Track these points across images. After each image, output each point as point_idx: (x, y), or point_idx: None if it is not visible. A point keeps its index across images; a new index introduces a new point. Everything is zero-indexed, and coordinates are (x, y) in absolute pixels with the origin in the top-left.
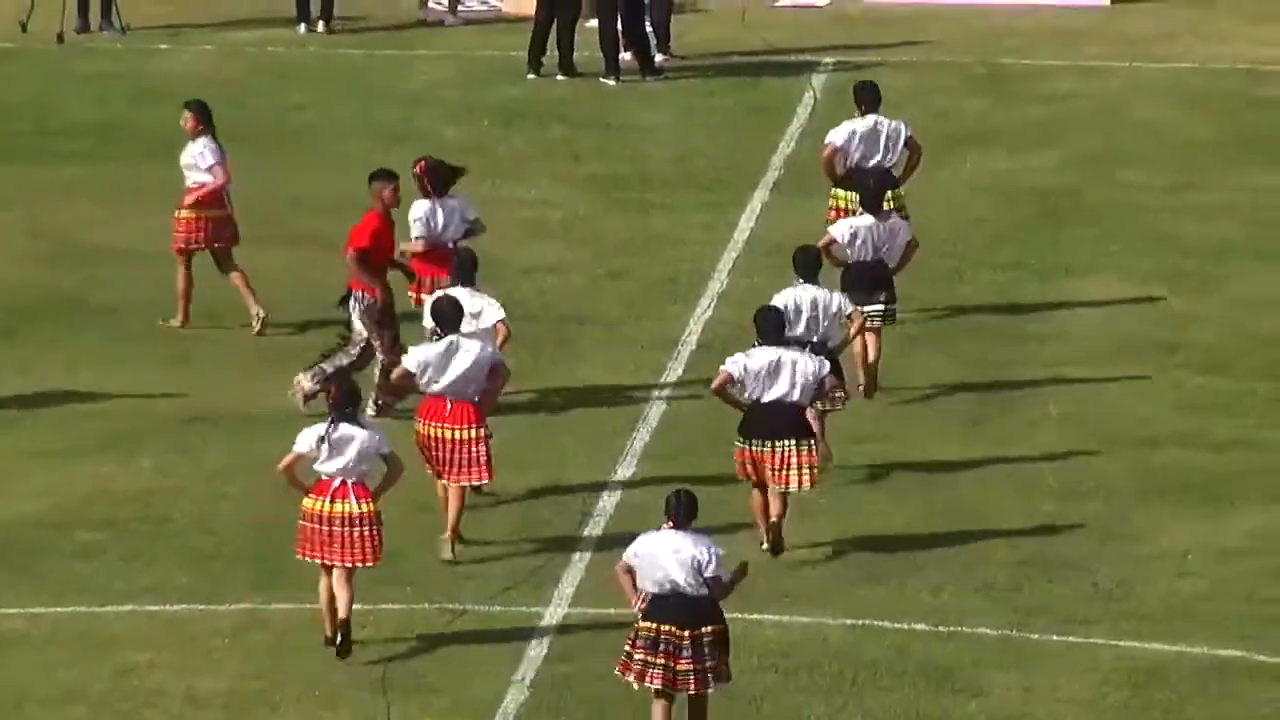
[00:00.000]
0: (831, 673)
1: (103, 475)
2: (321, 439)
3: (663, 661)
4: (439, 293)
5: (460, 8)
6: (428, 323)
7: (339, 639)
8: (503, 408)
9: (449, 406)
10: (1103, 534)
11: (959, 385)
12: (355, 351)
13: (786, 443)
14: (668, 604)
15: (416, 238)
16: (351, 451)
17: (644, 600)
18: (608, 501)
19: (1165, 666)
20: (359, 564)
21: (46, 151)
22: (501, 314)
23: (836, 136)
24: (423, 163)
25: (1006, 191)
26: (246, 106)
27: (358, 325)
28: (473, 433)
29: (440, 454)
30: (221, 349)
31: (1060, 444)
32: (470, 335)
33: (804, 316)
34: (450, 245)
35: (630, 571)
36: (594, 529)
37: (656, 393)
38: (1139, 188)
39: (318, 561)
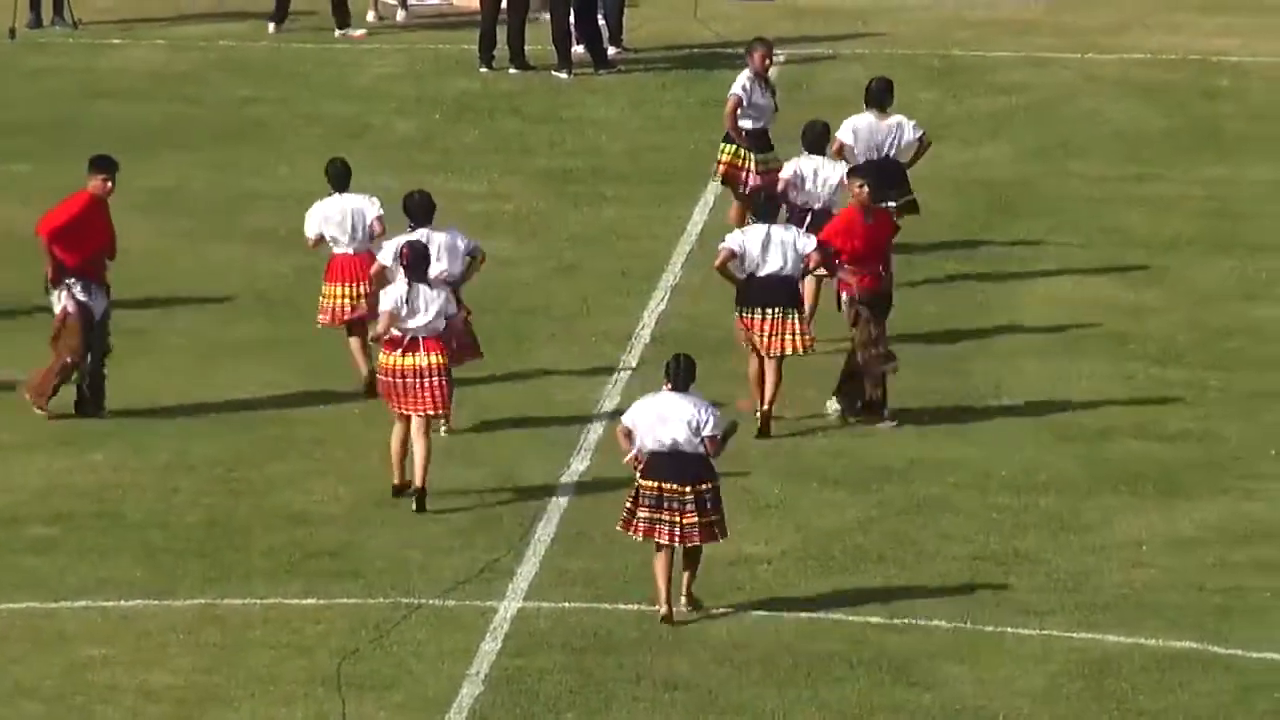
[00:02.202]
0: (786, 665)
1: (55, 470)
2: (404, 299)
3: (669, 518)
4: (402, 238)
5: (410, 3)
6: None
7: (416, 497)
8: (457, 400)
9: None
10: (1055, 526)
11: (912, 378)
12: None
13: (778, 310)
14: (668, 461)
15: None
16: (431, 309)
17: (642, 460)
18: (561, 495)
19: (1118, 658)
20: (431, 412)
21: None
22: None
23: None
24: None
25: (958, 183)
26: (199, 101)
27: None
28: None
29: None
30: (173, 345)
31: (1013, 436)
32: (439, 229)
33: (808, 184)
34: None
35: (629, 434)
36: (548, 523)
37: (609, 386)
38: (1090, 179)
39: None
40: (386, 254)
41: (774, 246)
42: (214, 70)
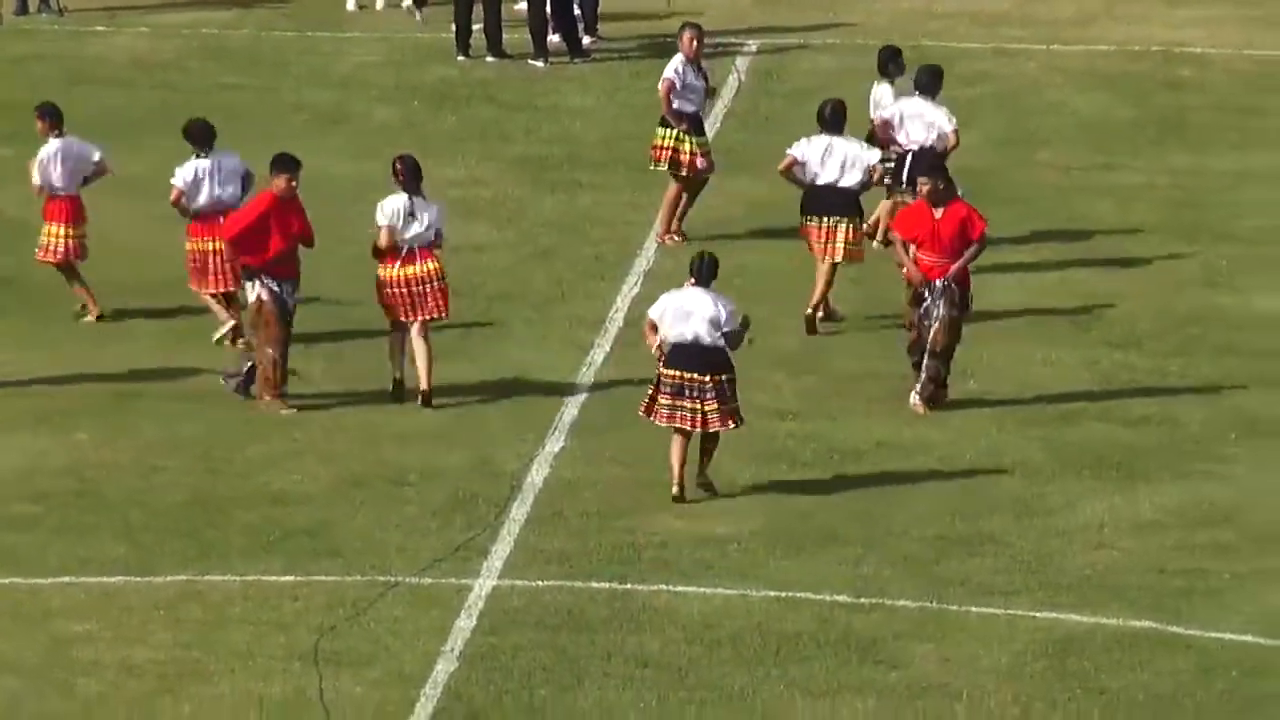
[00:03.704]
0: (754, 644)
1: (37, 450)
2: (403, 210)
3: (690, 405)
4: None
5: None
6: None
7: (424, 398)
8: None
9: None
10: (1020, 508)
11: (880, 362)
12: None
13: (830, 219)
14: (690, 352)
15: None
16: (425, 220)
17: (665, 351)
18: (536, 476)
19: (1081, 637)
20: (435, 316)
21: None
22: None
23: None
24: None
25: None
26: (180, 88)
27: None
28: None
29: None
30: (152, 327)
31: (978, 419)
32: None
33: (907, 126)
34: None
35: (654, 326)
36: (522, 503)
37: (584, 369)
38: (1057, 168)
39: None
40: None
41: (832, 157)
42: (196, 57)
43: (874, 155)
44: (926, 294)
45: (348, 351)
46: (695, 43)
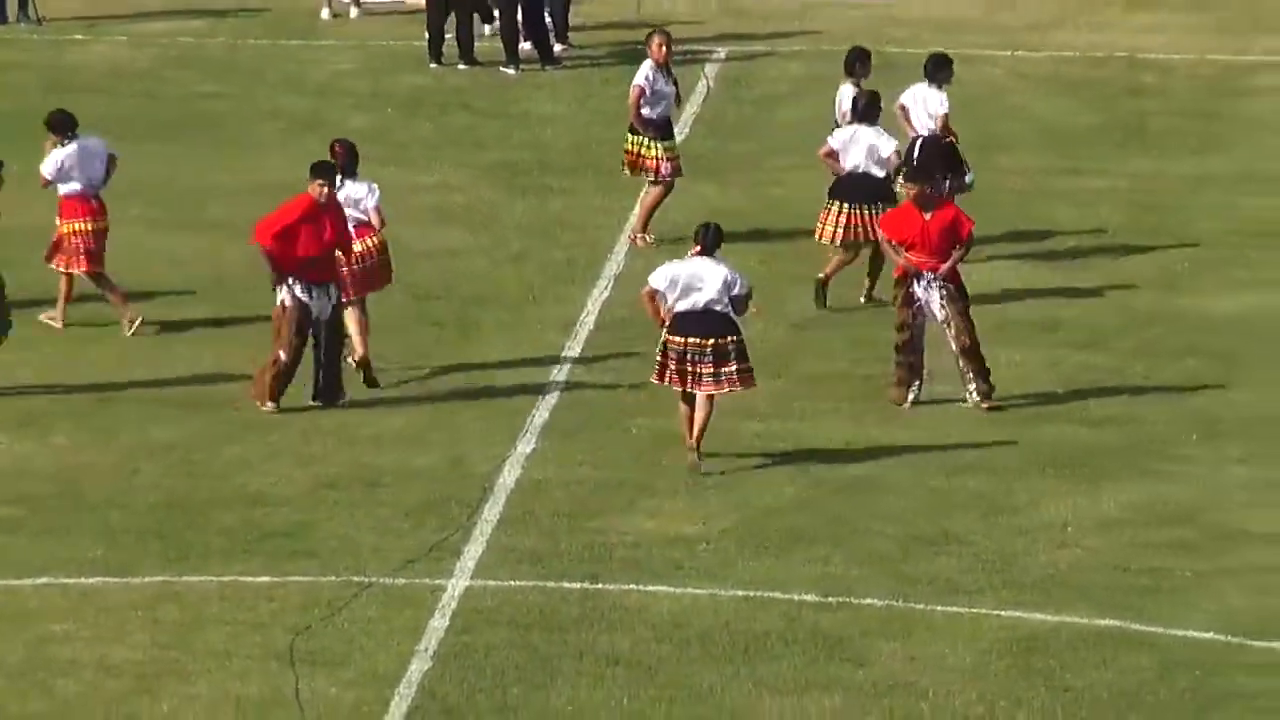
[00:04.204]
0: (723, 643)
1: (18, 454)
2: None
3: (692, 369)
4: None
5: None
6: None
7: (365, 373)
8: (408, 385)
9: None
10: (985, 507)
11: (848, 363)
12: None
13: (851, 205)
14: (695, 319)
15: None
16: (359, 200)
17: (669, 318)
18: (508, 477)
19: (1045, 636)
20: (377, 290)
21: None
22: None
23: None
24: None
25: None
26: (157, 96)
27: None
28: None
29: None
30: (130, 333)
31: (944, 420)
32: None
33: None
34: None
35: (653, 297)
36: (494, 504)
37: (555, 371)
38: (1020, 173)
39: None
40: None
41: (855, 145)
42: (173, 66)
43: (891, 144)
44: (919, 292)
45: None
46: (664, 48)
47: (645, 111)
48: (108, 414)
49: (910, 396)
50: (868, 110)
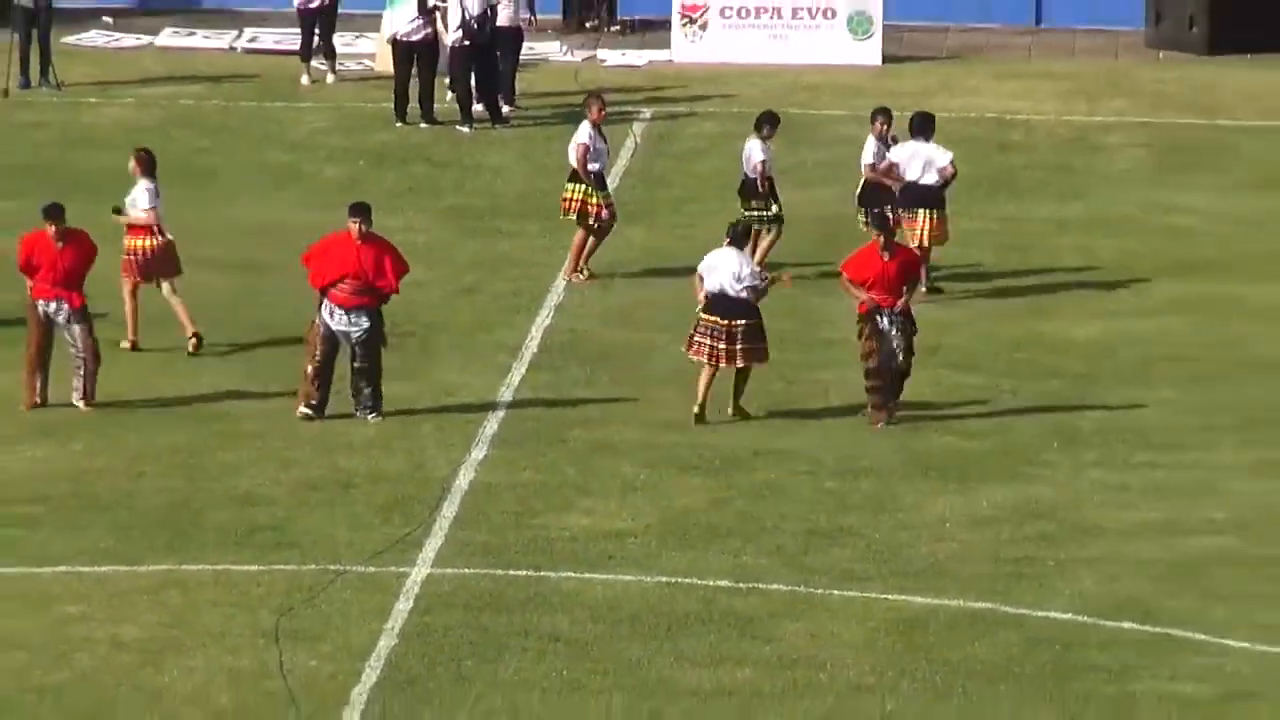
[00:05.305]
0: (650, 622)
1: (38, 458)
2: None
3: (712, 343)
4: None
5: (339, 67)
6: None
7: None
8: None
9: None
10: (875, 505)
11: (758, 383)
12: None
13: (910, 211)
14: (719, 301)
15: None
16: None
17: (706, 298)
18: (463, 480)
19: (926, 616)
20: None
21: None
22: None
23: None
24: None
25: (794, 219)
26: (160, 151)
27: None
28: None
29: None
30: (140, 353)
31: (839, 430)
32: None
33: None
34: None
35: (701, 278)
36: (451, 503)
37: (504, 389)
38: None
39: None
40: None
41: (914, 159)
42: (175, 125)
43: (946, 157)
44: (885, 323)
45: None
46: (600, 111)
47: (590, 165)
48: (117, 425)
49: (882, 420)
50: (923, 127)
